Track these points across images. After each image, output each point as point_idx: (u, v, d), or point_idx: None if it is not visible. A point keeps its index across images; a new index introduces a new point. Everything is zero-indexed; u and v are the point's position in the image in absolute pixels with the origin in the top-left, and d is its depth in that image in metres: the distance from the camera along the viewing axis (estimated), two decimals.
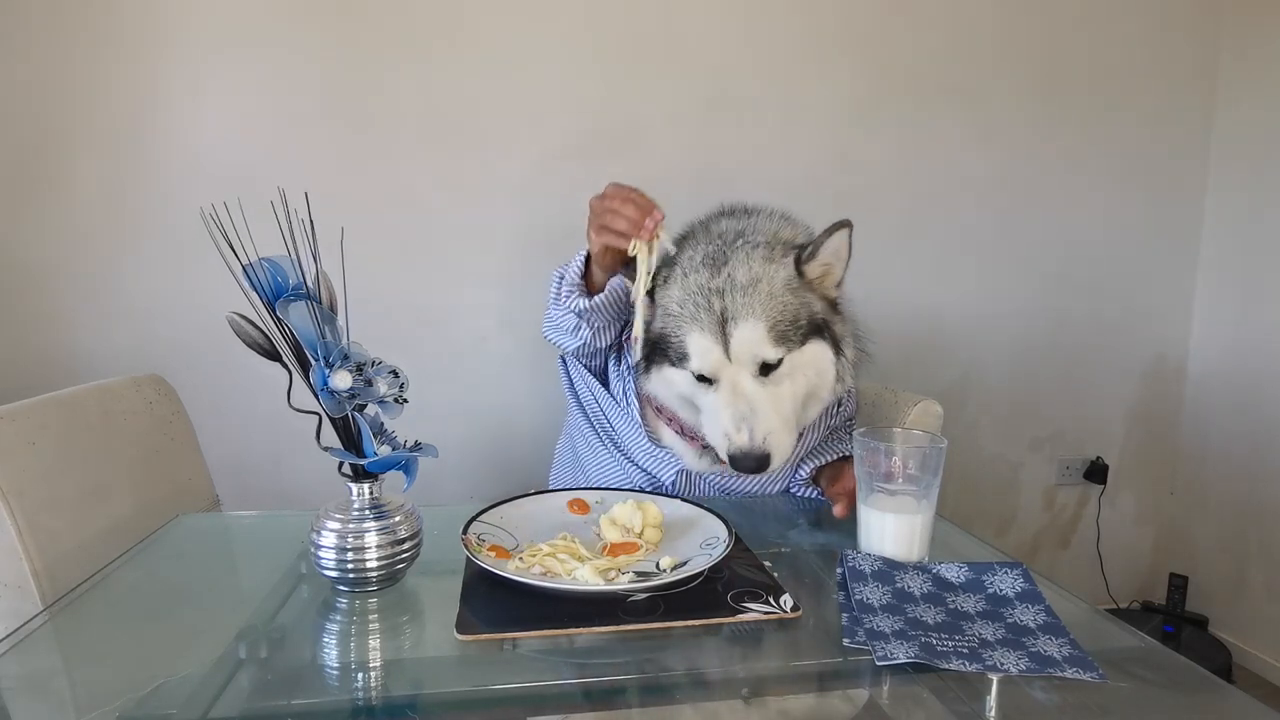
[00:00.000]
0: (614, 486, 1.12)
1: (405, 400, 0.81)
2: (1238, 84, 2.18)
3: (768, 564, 0.87)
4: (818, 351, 1.03)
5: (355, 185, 1.83)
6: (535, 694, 0.67)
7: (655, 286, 1.04)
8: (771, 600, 0.78)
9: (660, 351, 1.05)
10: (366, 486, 0.81)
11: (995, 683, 0.66)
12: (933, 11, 2.04)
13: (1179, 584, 2.29)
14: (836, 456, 1.15)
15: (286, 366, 0.78)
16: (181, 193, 1.76)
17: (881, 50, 2.03)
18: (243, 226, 0.73)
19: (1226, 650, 2.15)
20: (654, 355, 1.06)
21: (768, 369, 1.00)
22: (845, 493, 1.03)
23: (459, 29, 1.84)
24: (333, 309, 0.79)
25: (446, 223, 1.90)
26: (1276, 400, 2.10)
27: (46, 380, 1.42)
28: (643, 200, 0.98)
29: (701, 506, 0.97)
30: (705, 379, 1.01)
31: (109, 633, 0.79)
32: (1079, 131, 2.16)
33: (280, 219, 0.74)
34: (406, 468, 0.81)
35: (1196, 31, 2.19)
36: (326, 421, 0.78)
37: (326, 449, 0.78)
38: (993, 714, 0.64)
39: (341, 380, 0.76)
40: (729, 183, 1.90)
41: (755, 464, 0.96)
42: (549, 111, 1.90)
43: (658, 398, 1.10)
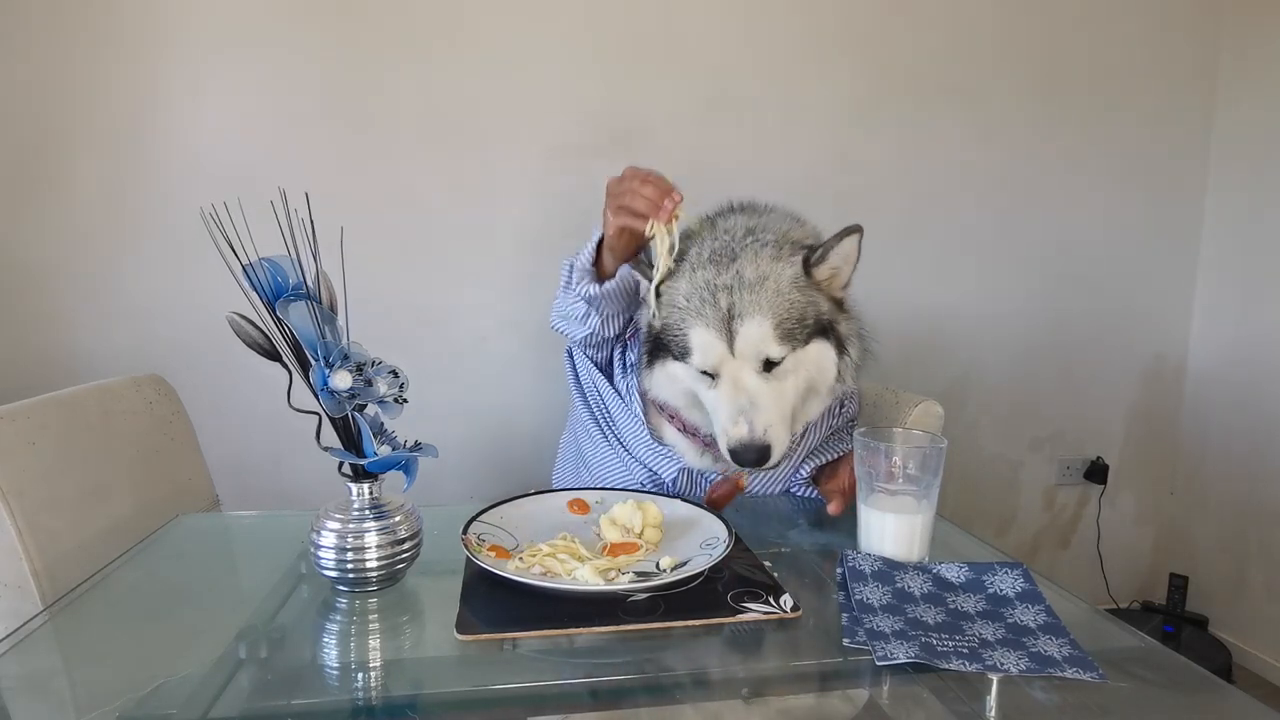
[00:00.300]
0: (616, 484, 1.13)
1: (405, 400, 0.81)
2: (1238, 84, 2.18)
3: (768, 564, 0.87)
4: (821, 350, 1.03)
5: (355, 185, 1.83)
6: (535, 694, 0.67)
7: (661, 282, 1.04)
8: (771, 600, 0.78)
9: (663, 345, 1.05)
10: (366, 486, 0.81)
11: (995, 683, 0.66)
12: (933, 11, 2.04)
13: (1179, 584, 2.29)
14: (836, 456, 1.15)
15: (286, 366, 0.78)
16: (181, 193, 1.76)
17: (881, 50, 2.03)
18: (243, 226, 0.73)
19: (1226, 650, 2.15)
20: (657, 350, 1.06)
21: (770, 365, 0.99)
22: (839, 490, 1.03)
23: (459, 29, 1.83)
24: (333, 309, 0.79)
25: (446, 223, 1.90)
26: (1276, 400, 2.10)
27: (46, 380, 1.41)
28: (661, 182, 0.98)
29: (701, 506, 0.97)
30: (708, 374, 1.01)
31: (109, 633, 0.79)
32: (1079, 131, 2.16)
33: (280, 219, 0.74)
34: (406, 468, 0.81)
35: (1196, 31, 2.19)
36: (326, 421, 0.78)
37: (326, 449, 0.78)
38: (993, 714, 0.64)
39: (341, 380, 0.76)
40: (729, 183, 1.89)
41: (756, 456, 0.96)
42: (549, 111, 1.90)
43: (659, 394, 1.10)
